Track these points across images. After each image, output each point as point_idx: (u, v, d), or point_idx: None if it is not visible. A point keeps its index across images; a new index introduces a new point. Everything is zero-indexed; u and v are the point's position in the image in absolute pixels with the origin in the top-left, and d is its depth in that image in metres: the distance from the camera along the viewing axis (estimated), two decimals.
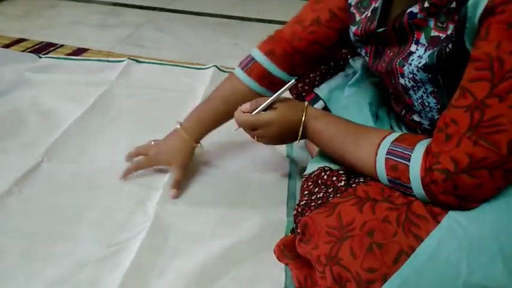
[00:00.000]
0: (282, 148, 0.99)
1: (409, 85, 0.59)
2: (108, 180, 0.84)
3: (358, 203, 0.53)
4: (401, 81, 0.60)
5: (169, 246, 0.70)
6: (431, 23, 0.55)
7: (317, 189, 0.63)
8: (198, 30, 1.75)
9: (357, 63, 0.88)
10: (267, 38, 0.81)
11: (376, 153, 0.57)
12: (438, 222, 0.49)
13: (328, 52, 0.78)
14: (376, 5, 0.64)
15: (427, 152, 0.52)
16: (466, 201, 0.50)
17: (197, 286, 0.64)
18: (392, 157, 0.55)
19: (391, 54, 0.62)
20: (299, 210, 0.63)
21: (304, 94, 0.90)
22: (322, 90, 0.87)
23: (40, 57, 1.34)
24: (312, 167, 0.69)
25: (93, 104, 1.09)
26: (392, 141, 0.56)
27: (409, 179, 0.53)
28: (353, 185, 0.58)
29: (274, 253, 0.67)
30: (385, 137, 0.58)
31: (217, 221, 0.76)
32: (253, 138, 0.70)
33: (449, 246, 0.48)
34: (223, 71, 1.34)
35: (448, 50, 0.52)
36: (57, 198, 0.78)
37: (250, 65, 0.80)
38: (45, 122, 1.00)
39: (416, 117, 0.65)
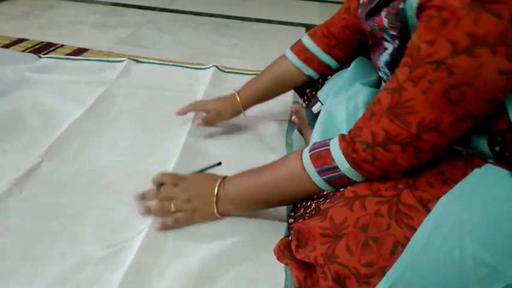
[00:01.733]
0: (282, 149, 0.99)
1: (385, 78, 0.66)
2: (108, 180, 0.84)
3: (347, 203, 0.54)
4: (380, 74, 0.67)
5: (169, 246, 0.70)
6: (386, 23, 0.62)
7: (309, 202, 0.65)
8: (198, 30, 1.75)
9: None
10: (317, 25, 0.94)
11: (302, 159, 0.63)
12: (429, 210, 0.50)
13: (355, 38, 0.85)
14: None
15: (349, 132, 0.59)
16: (386, 174, 0.56)
17: (197, 286, 0.64)
18: (313, 151, 0.62)
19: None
20: (293, 221, 0.64)
21: (311, 99, 0.95)
22: (321, 93, 0.89)
23: (40, 57, 1.34)
24: None
25: (93, 104, 1.09)
26: (311, 145, 0.64)
27: (332, 158, 0.59)
28: (340, 189, 0.60)
29: (274, 253, 0.67)
30: (303, 150, 0.64)
31: (217, 221, 0.76)
32: (170, 204, 0.72)
33: (440, 234, 0.48)
34: (223, 71, 1.34)
35: (396, 46, 0.59)
36: (57, 198, 0.78)
37: (295, 44, 0.94)
38: (45, 122, 1.00)
39: None
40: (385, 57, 0.63)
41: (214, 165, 0.76)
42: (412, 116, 0.52)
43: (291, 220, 0.67)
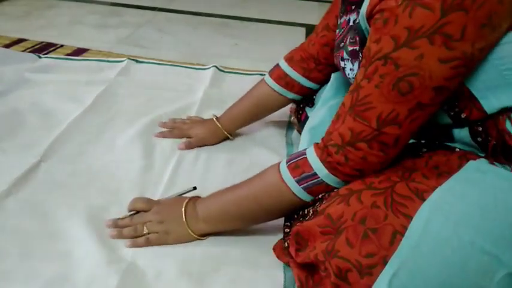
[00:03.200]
0: (283, 148, 0.99)
1: None
2: (107, 180, 0.84)
3: (343, 200, 0.55)
4: None
5: (168, 246, 0.70)
6: (347, 40, 0.66)
7: (306, 210, 0.64)
8: (198, 30, 1.75)
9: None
10: (292, 49, 0.95)
11: (279, 171, 0.63)
12: (424, 199, 0.50)
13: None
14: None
15: (322, 139, 0.61)
16: (362, 174, 0.58)
17: (196, 286, 0.64)
18: (291, 162, 0.63)
19: None
20: (289, 230, 0.64)
21: (301, 113, 0.96)
22: (310, 109, 0.92)
23: (40, 57, 1.33)
24: None
25: (92, 104, 1.08)
26: (287, 158, 0.65)
27: (310, 166, 0.60)
28: (335, 189, 0.60)
29: (274, 252, 0.67)
30: (279, 162, 0.65)
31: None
32: (143, 227, 0.70)
33: (437, 221, 0.48)
34: (223, 71, 1.34)
35: (361, 58, 0.61)
36: (55, 198, 0.78)
37: (273, 69, 0.95)
38: (45, 122, 1.00)
39: None
40: (352, 74, 0.67)
41: (189, 191, 0.75)
42: (371, 111, 0.55)
43: (286, 230, 0.67)
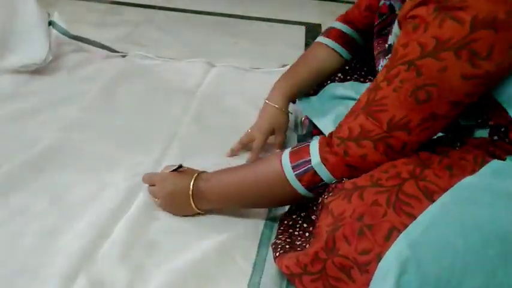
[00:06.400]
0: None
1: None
2: (107, 179, 0.84)
3: (346, 196, 0.54)
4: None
5: (167, 246, 0.71)
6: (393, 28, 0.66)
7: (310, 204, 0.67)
8: (198, 28, 1.75)
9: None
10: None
11: (281, 156, 0.64)
12: (433, 201, 0.49)
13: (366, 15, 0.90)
14: None
15: (334, 130, 0.62)
16: (353, 173, 0.59)
17: (194, 284, 0.64)
18: (295, 147, 0.65)
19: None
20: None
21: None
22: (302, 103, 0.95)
23: None
24: None
25: (92, 103, 1.08)
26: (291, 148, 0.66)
27: (309, 152, 0.62)
28: (342, 181, 0.59)
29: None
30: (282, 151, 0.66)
31: (217, 221, 0.76)
32: (154, 197, 0.77)
33: (444, 222, 0.48)
34: (223, 70, 1.34)
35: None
36: (57, 198, 0.78)
37: (328, 30, 0.94)
38: (45, 122, 1.00)
39: None
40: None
41: (176, 168, 0.75)
42: (384, 114, 0.56)
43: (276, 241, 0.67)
